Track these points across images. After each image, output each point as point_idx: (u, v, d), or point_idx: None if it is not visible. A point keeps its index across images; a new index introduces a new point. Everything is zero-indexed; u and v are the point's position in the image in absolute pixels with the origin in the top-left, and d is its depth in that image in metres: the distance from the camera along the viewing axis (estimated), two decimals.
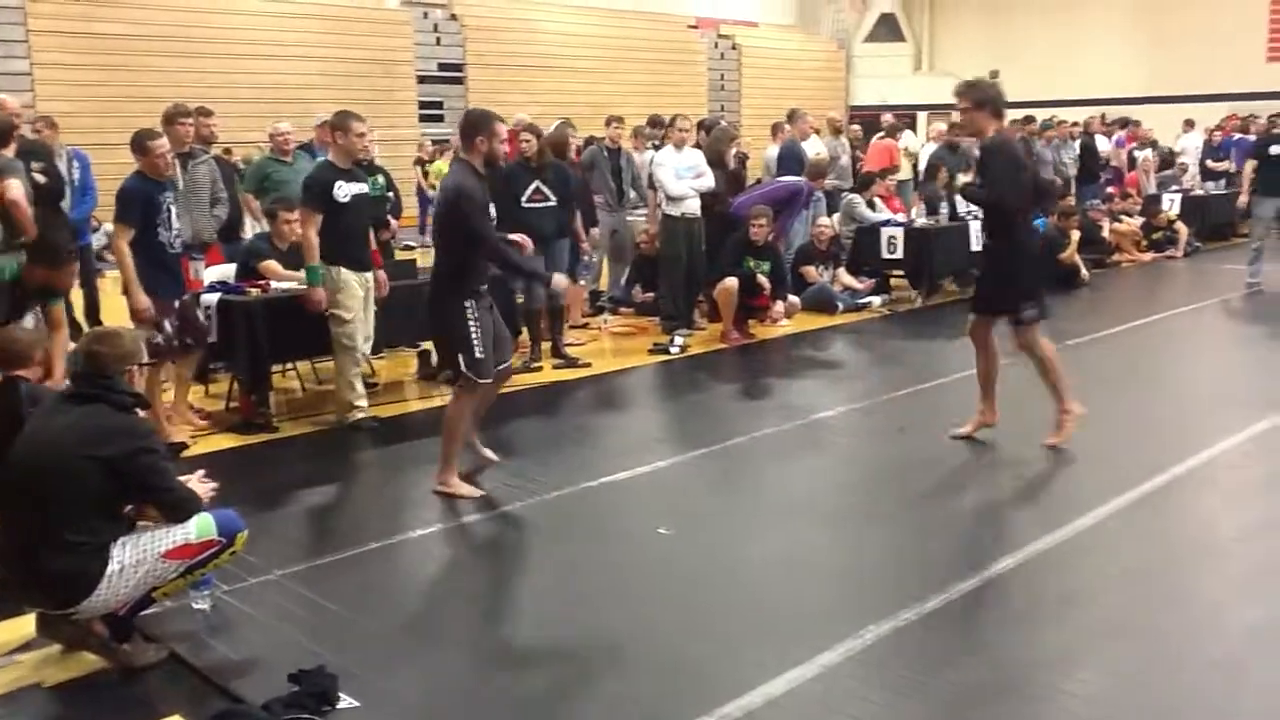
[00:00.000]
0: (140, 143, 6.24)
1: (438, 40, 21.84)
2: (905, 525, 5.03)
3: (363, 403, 6.74)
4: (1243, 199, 11.82)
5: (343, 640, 3.95)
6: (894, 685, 3.57)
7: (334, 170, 6.51)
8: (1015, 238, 5.98)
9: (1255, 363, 8.82)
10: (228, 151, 10.06)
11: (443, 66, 21.76)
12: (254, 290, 6.92)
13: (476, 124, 5.30)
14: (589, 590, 4.48)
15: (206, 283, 7.18)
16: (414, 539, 4.95)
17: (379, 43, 20.54)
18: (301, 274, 7.07)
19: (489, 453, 5.91)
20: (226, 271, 7.42)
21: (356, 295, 6.56)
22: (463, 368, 5.36)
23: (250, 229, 8.68)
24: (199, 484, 3.86)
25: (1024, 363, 6.23)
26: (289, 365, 7.84)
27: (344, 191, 6.45)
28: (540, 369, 8.31)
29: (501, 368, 5.60)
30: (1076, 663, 3.67)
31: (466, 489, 5.43)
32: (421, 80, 21.31)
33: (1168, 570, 4.58)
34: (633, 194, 10.76)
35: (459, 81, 21.85)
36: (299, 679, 3.46)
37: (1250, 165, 11.73)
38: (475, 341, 5.31)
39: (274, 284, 7.02)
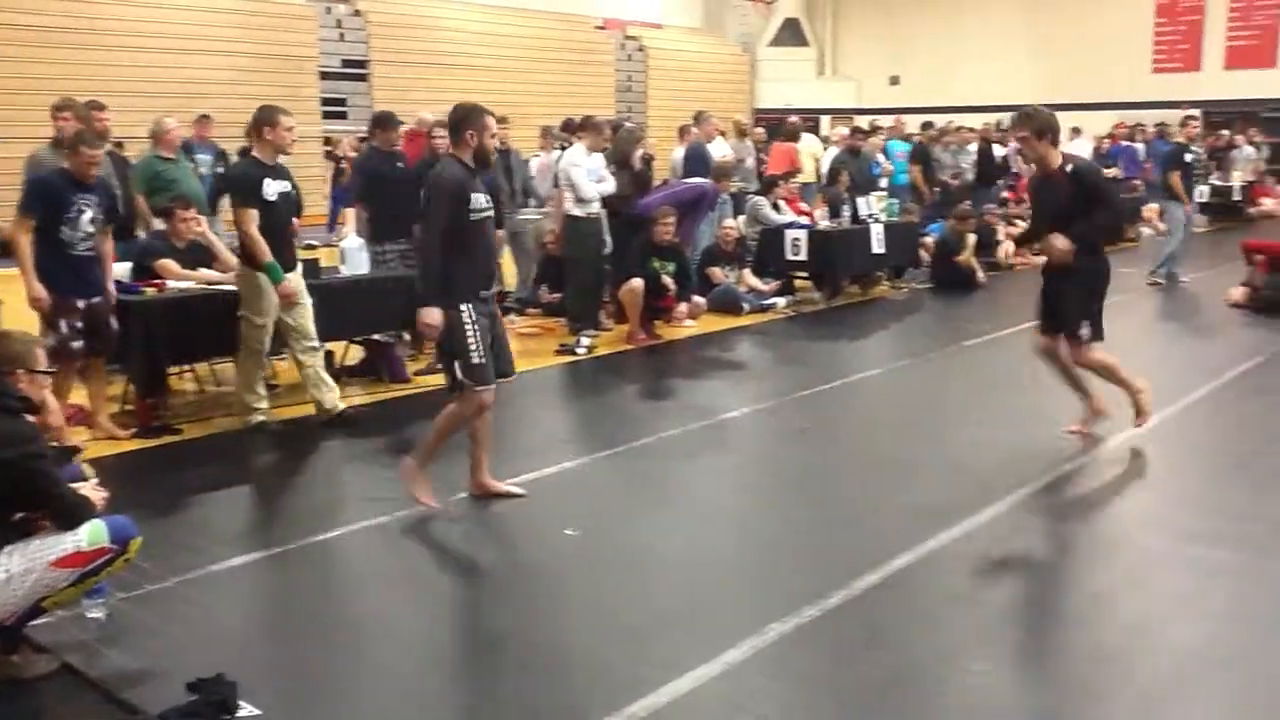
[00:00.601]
0: (73, 142, 6.20)
1: (341, 36, 21.49)
2: (808, 523, 5.11)
3: (263, 405, 6.63)
4: (1187, 208, 12.35)
5: (243, 647, 3.89)
6: (798, 681, 3.63)
7: (260, 167, 6.38)
8: (1100, 254, 6.03)
9: (1148, 357, 9.11)
10: (119, 146, 9.76)
11: (346, 63, 21.41)
12: (150, 290, 6.77)
13: (465, 118, 5.10)
14: (495, 591, 4.48)
15: None
16: (317, 543, 4.87)
17: (281, 37, 20.11)
18: (201, 273, 7.06)
19: (505, 486, 5.45)
20: (121, 271, 7.22)
21: (272, 300, 6.42)
22: (459, 374, 5.08)
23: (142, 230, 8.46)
24: (91, 490, 3.75)
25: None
26: (186, 368, 7.65)
27: (271, 190, 6.32)
28: None
29: (502, 380, 5.32)
30: (973, 654, 3.77)
31: (423, 494, 5.19)
32: (324, 76, 20.93)
33: (1060, 563, 4.75)
34: (532, 198, 10.78)
35: (363, 78, 21.53)
36: (197, 687, 3.39)
37: (1176, 176, 12.18)
38: (473, 346, 5.02)
39: (170, 283, 6.88)
